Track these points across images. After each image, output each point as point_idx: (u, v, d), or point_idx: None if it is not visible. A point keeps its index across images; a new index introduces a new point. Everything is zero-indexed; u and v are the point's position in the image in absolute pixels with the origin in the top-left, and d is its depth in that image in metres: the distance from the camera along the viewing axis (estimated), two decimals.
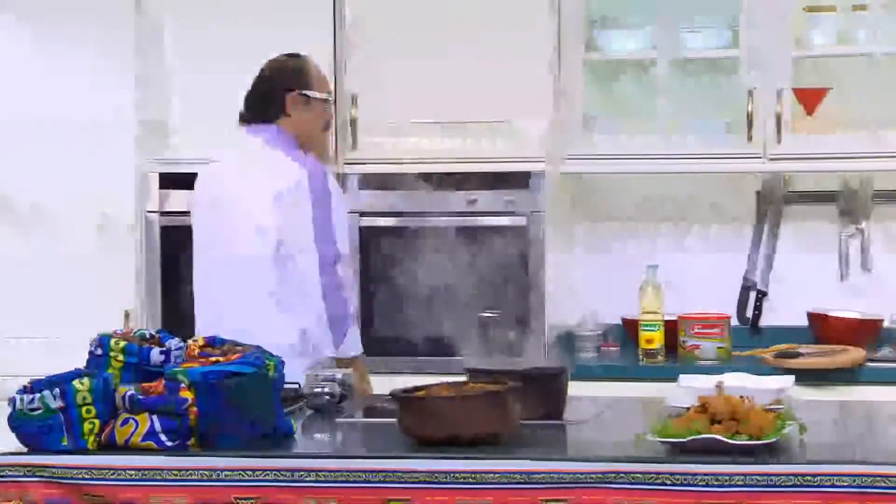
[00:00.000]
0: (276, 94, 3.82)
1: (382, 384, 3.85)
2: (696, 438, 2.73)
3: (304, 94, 3.81)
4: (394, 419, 2.94)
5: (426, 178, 4.47)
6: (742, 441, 2.72)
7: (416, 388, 3.00)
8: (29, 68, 4.65)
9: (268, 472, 2.79)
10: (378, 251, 4.56)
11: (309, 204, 3.70)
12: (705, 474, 2.67)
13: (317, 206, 3.71)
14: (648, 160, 4.59)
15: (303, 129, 3.82)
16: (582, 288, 4.79)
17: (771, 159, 4.51)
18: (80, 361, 3.05)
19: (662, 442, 2.76)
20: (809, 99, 4.59)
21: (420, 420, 2.87)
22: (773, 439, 2.74)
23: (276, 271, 3.70)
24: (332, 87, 4.05)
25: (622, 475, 2.70)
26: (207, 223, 3.87)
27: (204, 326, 3.77)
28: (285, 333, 3.61)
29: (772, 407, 2.89)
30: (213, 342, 3.09)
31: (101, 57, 4.59)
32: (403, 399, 2.92)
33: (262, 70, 3.88)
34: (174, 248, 4.65)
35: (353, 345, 3.76)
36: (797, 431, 2.83)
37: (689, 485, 2.67)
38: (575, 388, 3.32)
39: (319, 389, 3.35)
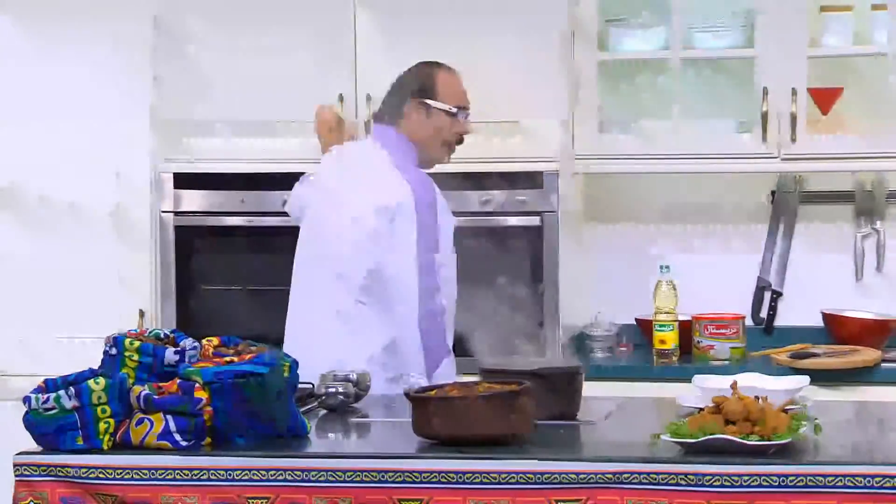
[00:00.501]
0: (399, 98, 3.81)
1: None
2: (710, 439, 2.73)
3: (425, 103, 3.78)
4: (407, 419, 2.94)
5: (436, 178, 4.47)
6: (755, 441, 2.72)
7: (430, 388, 3.00)
8: (44, 64, 4.65)
9: (281, 471, 2.80)
10: None
11: (413, 229, 3.63)
12: (719, 475, 2.67)
13: (423, 234, 3.63)
14: (662, 160, 4.58)
15: (419, 138, 3.78)
16: (596, 288, 4.79)
17: (785, 159, 4.50)
18: (95, 361, 3.05)
19: (676, 442, 2.76)
20: (824, 99, 4.59)
21: (434, 420, 2.87)
22: (787, 440, 2.73)
23: (358, 291, 3.65)
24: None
25: (636, 475, 2.70)
26: (304, 229, 3.86)
27: (287, 335, 3.79)
28: (354, 355, 3.55)
29: (786, 407, 2.88)
30: (227, 342, 3.10)
31: (116, 54, 4.60)
32: (417, 399, 2.92)
33: (401, 73, 3.88)
34: (188, 248, 4.66)
35: (447, 375, 3.62)
36: (812, 432, 2.83)
37: (702, 485, 2.67)
38: (589, 389, 3.32)
39: (333, 389, 3.35)
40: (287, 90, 4.55)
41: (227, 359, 2.97)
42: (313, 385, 3.38)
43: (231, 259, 4.66)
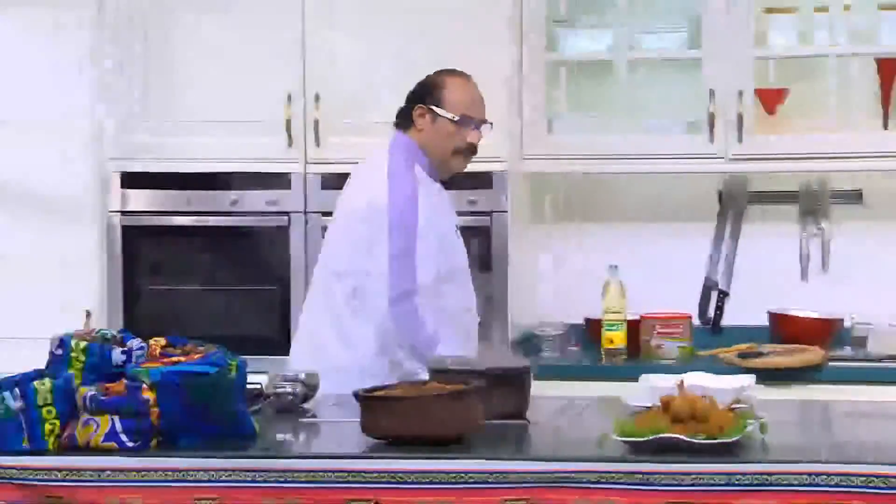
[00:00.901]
0: (409, 104, 3.79)
1: None
2: (657, 438, 2.74)
3: (431, 109, 3.75)
4: (356, 419, 2.93)
5: None
6: (702, 440, 2.73)
7: (380, 388, 2.99)
8: None
9: (229, 472, 2.78)
10: None
11: (381, 230, 3.61)
12: (666, 473, 2.68)
13: (395, 235, 3.60)
14: (610, 160, 4.60)
15: (426, 145, 3.75)
16: (545, 288, 4.80)
17: (732, 160, 4.54)
18: (41, 362, 3.03)
19: (624, 441, 2.77)
20: (770, 99, 4.62)
21: (382, 420, 2.87)
22: (734, 438, 2.75)
23: (349, 293, 3.65)
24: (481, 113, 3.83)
25: (584, 474, 2.70)
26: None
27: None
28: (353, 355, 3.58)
29: (733, 406, 2.90)
30: (174, 342, 3.08)
31: (59, 50, 4.56)
32: (366, 399, 2.92)
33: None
34: (136, 247, 4.64)
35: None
36: (758, 430, 2.84)
37: (650, 484, 2.68)
38: (538, 388, 3.32)
39: (282, 389, 3.34)
40: (235, 90, 4.53)
41: (175, 359, 2.95)
42: (262, 385, 3.36)
43: (178, 259, 4.64)
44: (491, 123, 3.82)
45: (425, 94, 3.77)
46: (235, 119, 4.54)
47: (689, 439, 2.72)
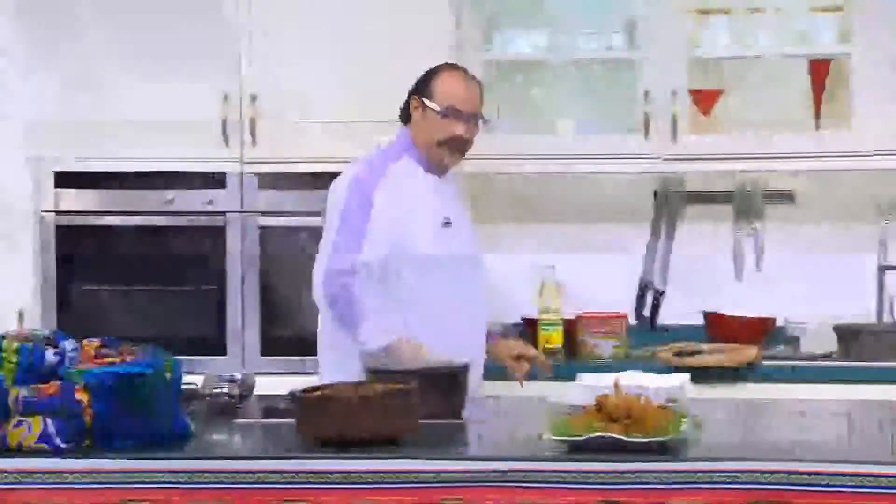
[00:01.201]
0: (408, 96, 3.79)
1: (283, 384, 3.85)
2: (592, 437, 2.75)
3: (422, 101, 3.73)
4: (292, 420, 2.92)
5: (326, 177, 4.46)
6: (636, 439, 2.75)
7: (316, 388, 2.99)
8: None
9: (163, 473, 2.76)
10: (276, 251, 4.54)
11: (335, 214, 3.66)
12: (601, 472, 2.69)
13: (345, 217, 3.63)
14: (546, 160, 4.62)
15: (418, 137, 3.75)
16: None
17: (667, 160, 4.57)
18: None
19: (560, 441, 2.78)
20: (704, 100, 4.66)
21: (318, 420, 2.86)
22: (668, 437, 2.77)
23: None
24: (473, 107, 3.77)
25: (520, 473, 2.71)
26: None
27: None
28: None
29: (667, 405, 2.92)
30: (109, 343, 3.06)
31: None
32: (302, 399, 2.91)
33: None
34: (69, 247, 4.60)
35: (372, 338, 3.59)
36: (692, 429, 2.87)
37: (585, 483, 2.69)
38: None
39: (218, 390, 3.33)
40: (171, 89, 4.51)
41: (109, 360, 2.93)
42: (198, 386, 3.35)
43: (113, 259, 4.61)
44: (483, 118, 3.79)
45: (420, 85, 3.78)
46: (172, 118, 4.51)
47: (622, 438, 2.74)
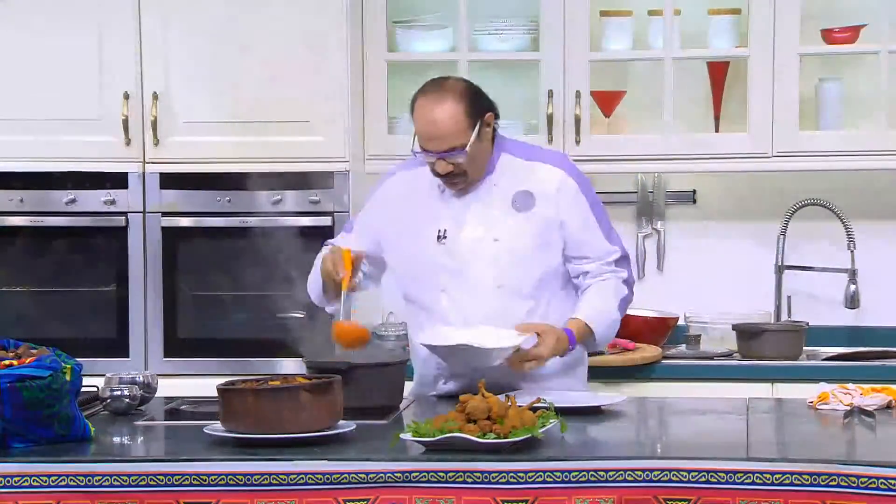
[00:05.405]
0: None
1: (187, 386, 3.84)
2: (445, 437, 2.78)
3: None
4: (194, 423, 2.91)
5: (229, 177, 4.44)
6: (489, 440, 2.77)
7: (248, 380, 2.99)
8: None
9: (63, 477, 2.74)
10: (179, 251, 4.51)
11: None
12: (460, 471, 2.71)
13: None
14: None
15: None
16: (389, 288, 4.80)
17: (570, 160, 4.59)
18: None
19: (417, 441, 2.81)
20: (607, 101, 4.71)
21: (237, 414, 2.85)
22: (520, 437, 2.79)
23: None
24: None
25: (386, 475, 2.73)
26: None
27: None
28: None
29: (534, 406, 2.94)
30: (6, 345, 3.02)
31: None
32: (223, 392, 2.90)
33: None
34: None
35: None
36: (558, 429, 2.89)
37: (444, 482, 2.71)
38: None
39: (119, 392, 3.30)
40: (70, 88, 4.46)
41: (7, 362, 2.90)
42: (98, 388, 3.32)
43: (12, 260, 4.55)
44: (453, 151, 3.63)
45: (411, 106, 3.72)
46: (72, 117, 4.47)
47: (472, 438, 2.76)
